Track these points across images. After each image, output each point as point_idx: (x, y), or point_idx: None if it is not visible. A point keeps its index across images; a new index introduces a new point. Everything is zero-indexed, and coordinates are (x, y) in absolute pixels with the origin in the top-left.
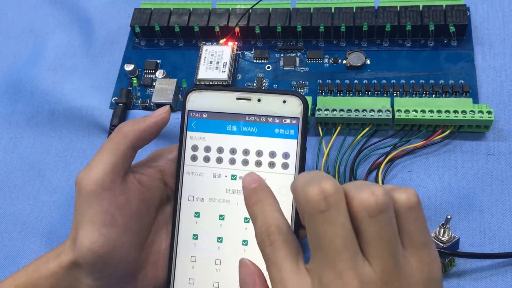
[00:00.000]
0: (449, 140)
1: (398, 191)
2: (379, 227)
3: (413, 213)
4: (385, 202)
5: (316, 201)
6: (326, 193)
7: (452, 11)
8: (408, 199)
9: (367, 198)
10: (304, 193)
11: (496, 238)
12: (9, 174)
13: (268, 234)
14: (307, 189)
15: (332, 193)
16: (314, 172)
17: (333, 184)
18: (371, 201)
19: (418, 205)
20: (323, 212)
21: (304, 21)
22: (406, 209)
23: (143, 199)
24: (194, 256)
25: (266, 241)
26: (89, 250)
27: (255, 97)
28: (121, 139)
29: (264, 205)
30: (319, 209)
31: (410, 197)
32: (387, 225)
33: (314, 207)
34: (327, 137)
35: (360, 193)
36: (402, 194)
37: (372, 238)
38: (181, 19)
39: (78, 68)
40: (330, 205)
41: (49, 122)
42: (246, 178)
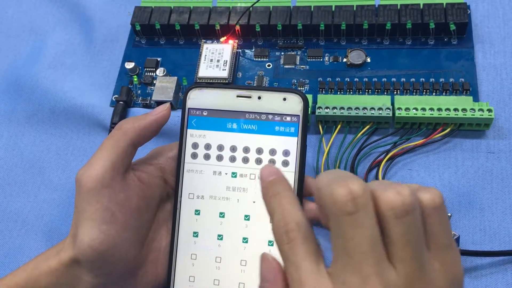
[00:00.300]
0: (449, 138)
1: (423, 191)
2: (405, 228)
3: (438, 214)
4: (411, 202)
5: (344, 202)
6: (354, 194)
7: (453, 9)
8: (432, 199)
9: (394, 199)
10: (330, 193)
11: (496, 236)
12: (10, 172)
13: (287, 231)
14: (334, 189)
15: (360, 195)
16: (339, 171)
17: (361, 184)
18: (398, 202)
19: (443, 205)
20: (351, 214)
21: (304, 19)
22: (431, 209)
23: (143, 197)
24: (194, 254)
25: (284, 238)
26: (89, 247)
27: (256, 95)
28: (121, 136)
29: (283, 198)
30: (347, 211)
31: (435, 197)
32: (413, 227)
33: (341, 209)
34: (328, 135)
35: (386, 193)
36: (427, 194)
37: (398, 239)
38: (182, 17)
39: (78, 66)
40: (359, 207)
41: (50, 120)
42: (264, 170)
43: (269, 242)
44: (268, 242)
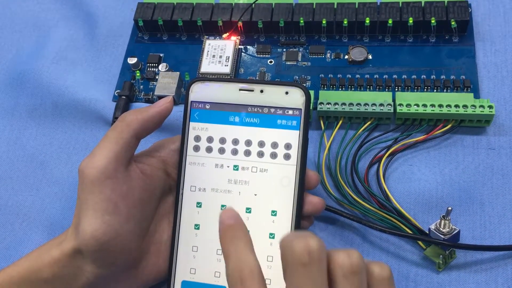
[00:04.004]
0: (450, 135)
1: (373, 264)
2: (350, 286)
3: (384, 285)
4: (358, 264)
5: (300, 253)
6: (311, 248)
7: (454, 7)
8: (381, 271)
9: (343, 258)
10: (290, 245)
11: (496, 231)
12: (12, 166)
13: (241, 279)
14: (294, 242)
15: (316, 249)
16: (304, 231)
17: (318, 242)
18: (347, 262)
19: (390, 278)
20: (305, 266)
21: (306, 16)
22: (378, 280)
23: (145, 189)
24: (195, 246)
25: (238, 285)
26: (92, 237)
27: (258, 88)
28: (125, 128)
29: (239, 244)
30: (302, 262)
31: (383, 270)
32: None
33: (297, 259)
34: (329, 131)
35: (339, 253)
36: (377, 267)
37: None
38: (184, 13)
39: (81, 61)
40: (313, 260)
41: (52, 115)
42: (224, 213)
43: (270, 235)
44: (269, 235)
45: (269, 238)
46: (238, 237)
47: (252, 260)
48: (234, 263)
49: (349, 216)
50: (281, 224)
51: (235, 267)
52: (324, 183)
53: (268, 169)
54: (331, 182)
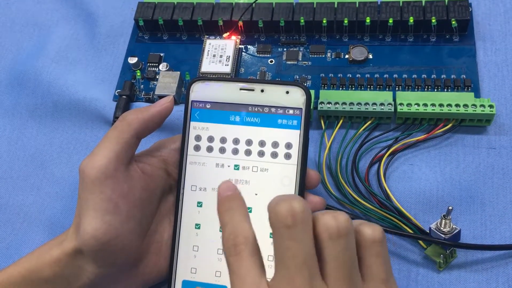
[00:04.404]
0: (451, 134)
1: (365, 225)
2: (337, 249)
3: (376, 248)
4: (346, 227)
5: (284, 216)
6: (294, 210)
7: (454, 7)
8: (372, 233)
9: (329, 221)
10: (274, 208)
11: (497, 231)
12: (12, 165)
13: (235, 244)
14: (278, 205)
15: (300, 211)
16: (290, 194)
17: (302, 204)
18: (333, 224)
19: (382, 241)
20: (289, 228)
21: (307, 16)
22: (369, 242)
23: (146, 188)
24: (196, 246)
25: (232, 251)
26: (92, 237)
27: (259, 88)
28: (125, 127)
29: (235, 214)
30: (286, 224)
31: (375, 232)
32: (346, 250)
33: (281, 222)
34: (330, 130)
35: (324, 216)
36: (368, 228)
37: (330, 259)
38: (185, 13)
39: (81, 60)
40: (297, 222)
41: (53, 114)
42: (221, 185)
43: (271, 235)
44: (270, 235)
45: (270, 237)
46: (234, 208)
47: (248, 228)
48: (229, 231)
49: (350, 215)
50: None
51: (230, 234)
52: (324, 183)
53: (269, 169)
54: (331, 181)
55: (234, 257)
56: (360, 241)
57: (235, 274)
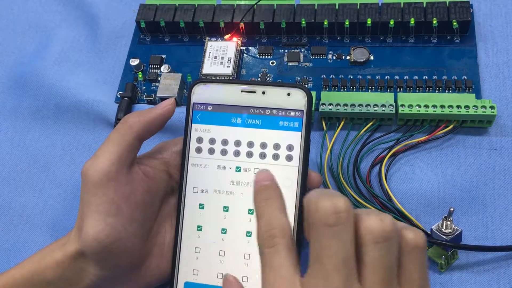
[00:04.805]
0: (452, 135)
1: (407, 229)
2: (380, 253)
3: (417, 254)
4: (391, 230)
5: (327, 214)
6: (337, 208)
7: (456, 8)
8: (415, 239)
9: (375, 223)
10: (316, 205)
11: (498, 232)
12: (15, 167)
13: (271, 236)
14: (320, 201)
15: (343, 210)
16: (331, 190)
17: (346, 202)
18: (378, 227)
19: (424, 248)
20: (331, 226)
21: (308, 17)
22: (411, 247)
23: (148, 190)
24: (198, 248)
25: (267, 242)
26: (95, 239)
27: (260, 90)
28: (127, 130)
29: (272, 204)
30: (328, 223)
31: (418, 237)
32: (388, 254)
33: (323, 220)
34: (331, 131)
35: (369, 217)
36: (411, 233)
37: (371, 262)
38: (186, 14)
39: (83, 62)
40: (339, 221)
41: (55, 116)
42: (260, 174)
43: None
44: None
45: None
46: (272, 198)
47: (284, 220)
48: (266, 222)
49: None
50: None
51: (266, 226)
52: (326, 184)
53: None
54: (333, 183)
55: (269, 249)
56: (401, 245)
57: (268, 267)
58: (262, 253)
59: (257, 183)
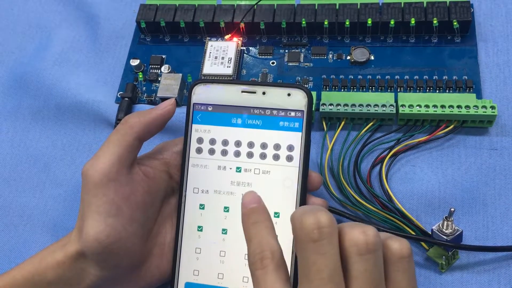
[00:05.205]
0: (453, 135)
1: (392, 239)
2: (365, 266)
3: (403, 263)
4: (375, 242)
5: (310, 230)
6: (320, 224)
7: (456, 8)
8: (400, 249)
9: (358, 236)
10: (299, 221)
11: (499, 232)
12: (16, 168)
13: (262, 258)
14: (303, 217)
15: (326, 225)
16: (314, 206)
17: (328, 217)
18: (362, 240)
19: (410, 257)
20: (315, 242)
21: (308, 17)
22: (397, 257)
23: (148, 191)
24: (199, 248)
25: (258, 264)
26: (95, 240)
27: (260, 90)
28: (128, 130)
29: (261, 227)
30: (312, 238)
31: (403, 247)
32: (374, 266)
33: (307, 235)
34: (331, 131)
35: (353, 230)
36: (396, 243)
37: (357, 275)
38: (187, 14)
39: (84, 63)
40: (323, 236)
41: (55, 116)
42: (246, 196)
43: None
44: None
45: None
46: (260, 221)
47: (273, 242)
48: (256, 245)
49: (352, 217)
50: (284, 225)
51: (256, 249)
52: (326, 185)
53: (271, 171)
54: (333, 183)
55: (260, 271)
56: (387, 256)
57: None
58: (254, 276)
59: (244, 205)
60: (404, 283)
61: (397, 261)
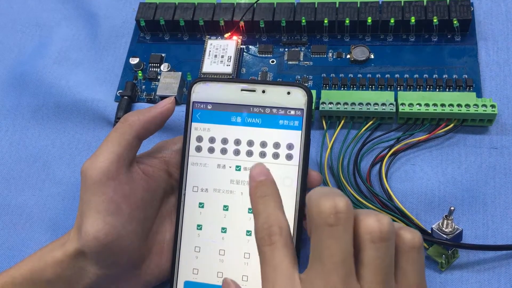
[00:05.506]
0: (453, 134)
1: (405, 229)
2: (377, 253)
3: (414, 254)
4: (388, 231)
5: (327, 214)
6: (338, 208)
7: (456, 6)
8: (412, 239)
9: (373, 224)
10: (317, 204)
11: (499, 231)
12: (15, 166)
13: (270, 234)
14: (321, 201)
15: (343, 210)
16: (332, 188)
17: (346, 202)
18: (376, 227)
19: (420, 248)
20: (332, 226)
21: (308, 16)
22: (408, 247)
23: (147, 189)
24: (198, 247)
25: (266, 240)
26: (94, 238)
27: (260, 89)
28: (127, 129)
29: (270, 201)
30: (328, 222)
31: (415, 238)
32: (385, 254)
33: (323, 219)
34: (331, 130)
35: (368, 217)
36: (408, 233)
37: (369, 262)
38: (186, 13)
39: (83, 61)
40: (339, 221)
41: (54, 115)
42: (254, 169)
43: None
44: None
45: None
46: (268, 194)
47: (282, 217)
48: (263, 220)
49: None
50: None
51: (264, 223)
52: (326, 183)
53: (270, 170)
54: (333, 182)
55: (268, 247)
56: (398, 245)
57: (268, 264)
58: (260, 251)
59: (252, 178)
60: (413, 274)
61: (408, 250)
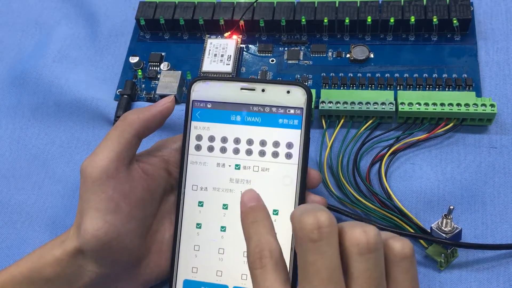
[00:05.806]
0: (452, 133)
1: (394, 239)
2: (366, 265)
3: (405, 264)
4: (375, 242)
5: (309, 230)
6: (320, 223)
7: (456, 6)
8: (402, 249)
9: (359, 235)
10: (299, 221)
11: (498, 230)
12: (14, 164)
13: (261, 257)
14: (303, 217)
15: (326, 225)
16: (314, 205)
17: (328, 217)
18: (363, 239)
19: (412, 257)
20: (315, 242)
21: (308, 15)
22: (399, 258)
23: (147, 188)
24: (197, 245)
25: (257, 263)
26: (94, 236)
27: (260, 87)
28: (126, 127)
29: (260, 226)
30: (311, 238)
31: (405, 247)
32: (375, 266)
33: (306, 235)
34: (331, 129)
35: (353, 229)
36: (398, 243)
37: (358, 275)
38: (186, 12)
39: (83, 60)
40: (322, 236)
41: (54, 114)
42: (245, 195)
43: None
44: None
45: None
46: (259, 220)
47: (273, 241)
48: (255, 244)
49: (351, 215)
50: (283, 223)
51: (255, 248)
52: (325, 182)
53: (270, 168)
54: (332, 181)
55: (259, 270)
56: (388, 256)
57: (259, 286)
58: (253, 275)
59: (243, 204)
60: (406, 284)
61: (399, 261)
